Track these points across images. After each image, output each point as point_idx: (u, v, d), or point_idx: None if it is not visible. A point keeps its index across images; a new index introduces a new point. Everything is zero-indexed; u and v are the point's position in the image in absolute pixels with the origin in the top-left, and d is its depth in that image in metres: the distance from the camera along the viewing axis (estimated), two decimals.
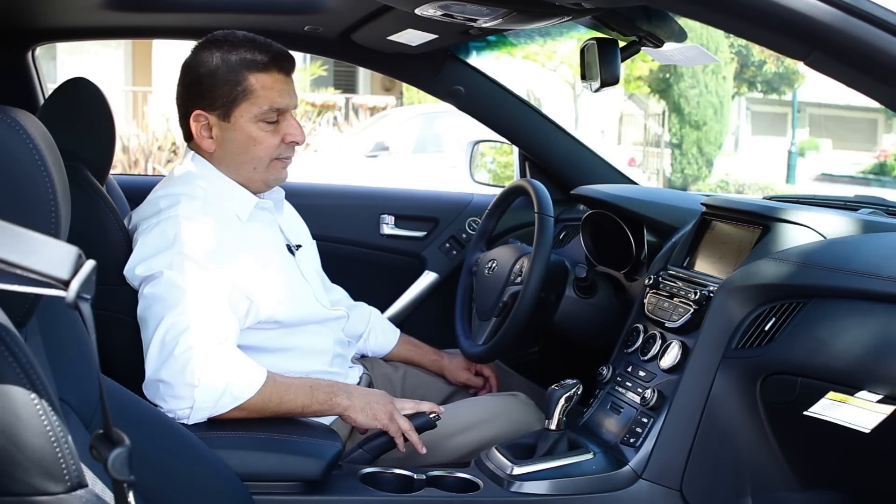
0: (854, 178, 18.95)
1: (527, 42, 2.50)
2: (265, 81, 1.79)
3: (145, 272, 1.68)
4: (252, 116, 1.79)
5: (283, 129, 1.82)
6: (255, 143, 1.81)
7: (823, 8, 1.24)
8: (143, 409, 1.41)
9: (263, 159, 1.83)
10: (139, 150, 11.06)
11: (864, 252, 1.63)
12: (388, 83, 17.57)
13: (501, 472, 1.72)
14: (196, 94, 1.81)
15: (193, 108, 1.81)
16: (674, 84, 15.97)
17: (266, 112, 1.79)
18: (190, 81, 1.82)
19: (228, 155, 1.82)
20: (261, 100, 1.78)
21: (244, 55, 1.78)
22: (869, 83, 1.32)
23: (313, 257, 2.05)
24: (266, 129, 1.81)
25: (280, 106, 1.80)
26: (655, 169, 16.79)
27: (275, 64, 1.79)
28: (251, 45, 1.80)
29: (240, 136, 1.80)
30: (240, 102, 1.78)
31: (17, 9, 2.35)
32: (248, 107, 1.78)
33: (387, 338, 2.26)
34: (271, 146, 1.82)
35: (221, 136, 1.81)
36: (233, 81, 1.77)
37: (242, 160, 1.82)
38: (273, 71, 1.79)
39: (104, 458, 0.80)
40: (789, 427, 1.65)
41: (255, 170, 1.83)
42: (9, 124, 1.00)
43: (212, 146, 1.82)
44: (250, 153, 1.82)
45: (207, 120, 1.81)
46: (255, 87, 1.78)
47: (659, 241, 2.15)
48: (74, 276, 0.72)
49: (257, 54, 1.78)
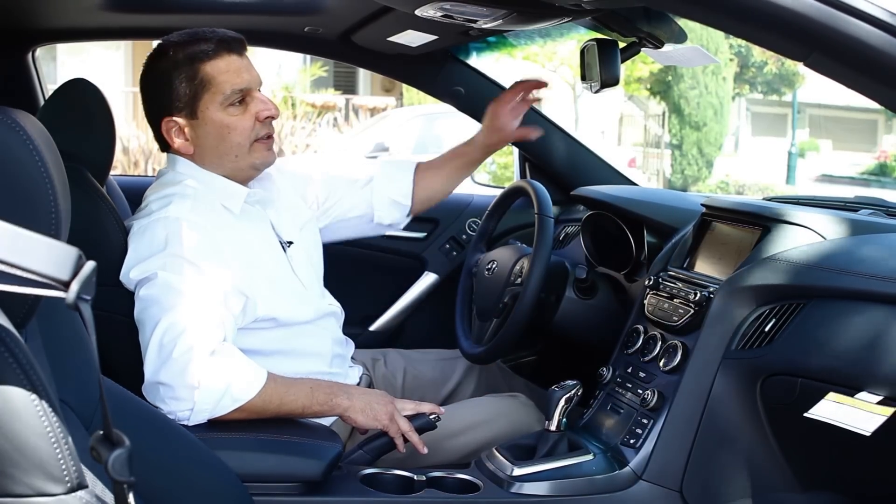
0: (854, 178, 18.94)
1: (527, 43, 2.50)
2: (219, 66, 1.78)
3: (140, 275, 1.69)
4: (218, 105, 1.78)
5: (253, 108, 1.81)
6: (229, 130, 1.80)
7: (823, 9, 1.24)
8: (143, 409, 1.41)
9: (243, 144, 1.82)
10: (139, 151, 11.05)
11: (864, 253, 1.63)
12: (388, 84, 17.56)
13: (502, 473, 1.72)
14: (159, 104, 1.82)
15: (161, 118, 1.82)
16: (674, 85, 15.97)
17: (229, 96, 1.78)
18: (150, 94, 1.84)
19: (208, 150, 1.82)
20: (221, 85, 1.78)
21: (190, 50, 1.78)
22: (868, 84, 1.31)
23: (308, 251, 2.02)
24: (235, 113, 1.80)
25: (241, 86, 1.79)
26: (655, 170, 16.79)
27: (223, 47, 1.79)
28: (194, 39, 1.80)
29: (212, 129, 1.80)
30: (201, 95, 1.78)
31: (17, 9, 2.35)
32: (211, 97, 1.78)
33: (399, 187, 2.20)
34: (246, 128, 1.81)
35: (195, 134, 1.81)
36: (188, 78, 1.77)
37: (223, 151, 1.82)
38: (223, 54, 1.79)
39: (104, 459, 0.80)
40: (789, 428, 1.65)
41: (238, 157, 1.82)
42: (9, 125, 1.00)
43: (189, 147, 1.82)
44: (227, 141, 1.81)
45: (177, 123, 1.81)
46: (211, 74, 1.78)
47: (659, 241, 2.15)
48: (75, 277, 0.72)
49: (202, 45, 1.78)
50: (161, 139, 1.85)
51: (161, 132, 1.83)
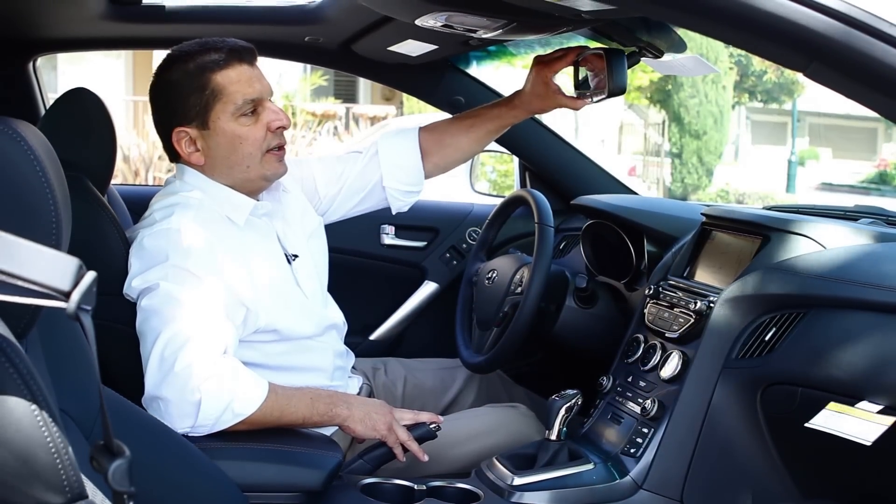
0: (854, 187, 18.95)
1: (527, 52, 2.50)
2: (230, 76, 1.77)
3: (142, 285, 1.68)
4: (229, 115, 1.77)
5: (264, 118, 1.80)
6: (240, 141, 1.79)
7: (822, 19, 1.25)
8: (143, 419, 1.41)
9: (254, 155, 1.80)
10: (140, 160, 11.05)
11: (864, 262, 1.64)
12: (389, 93, 17.58)
13: (502, 482, 1.71)
14: (170, 114, 1.81)
15: (172, 128, 1.80)
16: (674, 94, 15.99)
17: (241, 106, 1.77)
18: (160, 104, 1.82)
19: (219, 161, 1.81)
20: (232, 95, 1.77)
21: (200, 60, 1.77)
22: (868, 94, 1.32)
23: (315, 260, 2.00)
24: (247, 124, 1.78)
25: (253, 96, 1.78)
26: (655, 178, 16.80)
27: (233, 57, 1.78)
28: (205, 48, 1.78)
29: (224, 139, 1.79)
30: (213, 106, 1.77)
31: (18, 19, 2.35)
32: (223, 107, 1.77)
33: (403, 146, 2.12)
34: (258, 139, 1.79)
35: (206, 144, 1.80)
36: (199, 88, 1.76)
37: (234, 161, 1.80)
38: (234, 64, 1.78)
39: (105, 469, 0.80)
40: (790, 437, 1.64)
41: (249, 168, 1.81)
42: (10, 135, 1.00)
43: (201, 158, 1.81)
44: (239, 152, 1.79)
45: (188, 134, 1.79)
46: (222, 84, 1.76)
47: (659, 251, 2.15)
48: (75, 288, 0.72)
49: (213, 54, 1.77)
50: (171, 149, 1.84)
51: (171, 143, 1.82)
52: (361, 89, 18.71)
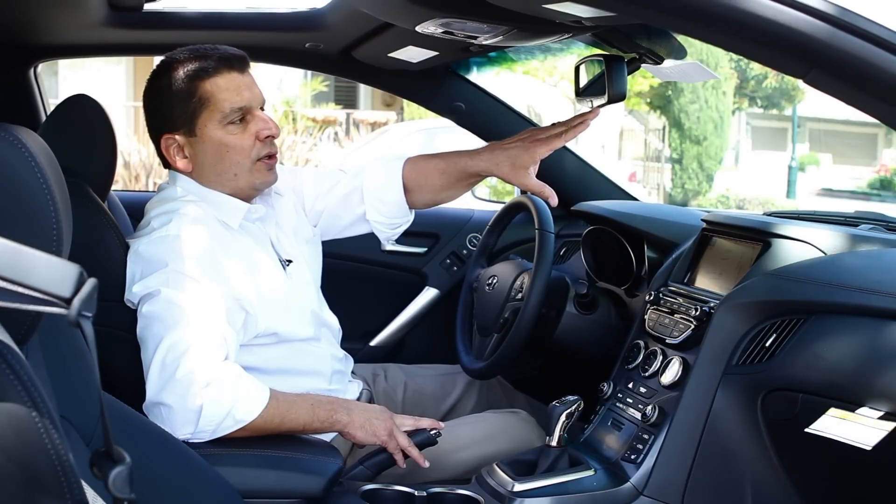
0: (854, 192, 18.95)
1: (527, 58, 2.51)
2: (218, 84, 1.77)
3: (143, 291, 1.68)
4: (216, 123, 1.77)
5: (253, 126, 1.79)
6: (227, 149, 1.78)
7: (821, 26, 1.25)
8: (144, 426, 1.41)
9: (243, 164, 1.79)
10: (140, 166, 11.06)
11: (864, 268, 1.64)
12: (389, 99, 17.60)
13: (502, 488, 1.71)
14: (159, 121, 1.81)
15: (161, 135, 1.81)
16: (674, 99, 16.01)
17: (228, 114, 1.76)
18: (150, 111, 1.83)
19: (207, 168, 1.81)
20: (220, 103, 1.76)
21: (190, 67, 1.77)
22: (867, 100, 1.32)
23: (310, 265, 2.00)
24: (234, 132, 1.78)
25: (241, 104, 1.77)
26: (656, 184, 16.80)
27: (223, 64, 1.77)
28: (195, 56, 1.78)
29: (211, 147, 1.79)
30: (200, 113, 1.77)
31: (19, 26, 2.36)
32: (210, 114, 1.76)
33: (386, 182, 2.00)
34: (246, 147, 1.79)
35: (194, 152, 1.80)
36: (187, 95, 1.76)
37: (221, 169, 1.80)
38: (223, 72, 1.77)
39: (105, 475, 0.80)
40: (791, 443, 1.64)
41: (237, 176, 1.80)
42: (10, 142, 1.01)
43: (188, 165, 1.81)
44: (226, 160, 1.79)
45: (176, 141, 1.80)
46: (210, 92, 1.76)
47: (659, 257, 2.15)
48: (76, 294, 0.72)
49: (203, 62, 1.77)
50: (162, 156, 1.85)
51: (161, 150, 1.83)
52: (362, 95, 18.72)
